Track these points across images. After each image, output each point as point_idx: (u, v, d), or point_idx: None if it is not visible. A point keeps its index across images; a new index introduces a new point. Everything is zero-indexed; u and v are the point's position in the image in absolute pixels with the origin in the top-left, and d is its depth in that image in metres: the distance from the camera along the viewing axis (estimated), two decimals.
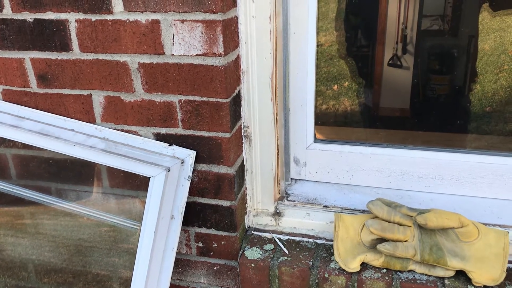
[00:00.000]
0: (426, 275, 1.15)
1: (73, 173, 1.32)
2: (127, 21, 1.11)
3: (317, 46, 1.27)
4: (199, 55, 1.10)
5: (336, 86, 3.11)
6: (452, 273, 1.13)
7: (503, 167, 1.24)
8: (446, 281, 1.13)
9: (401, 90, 2.68)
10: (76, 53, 1.18)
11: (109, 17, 1.12)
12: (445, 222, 1.11)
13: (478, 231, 1.14)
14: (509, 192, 1.26)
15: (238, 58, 1.18)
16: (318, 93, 1.30)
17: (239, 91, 1.21)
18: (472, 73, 2.59)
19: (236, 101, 1.20)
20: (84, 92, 1.22)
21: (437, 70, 2.64)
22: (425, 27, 2.58)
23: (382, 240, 1.17)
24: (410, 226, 1.16)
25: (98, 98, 1.21)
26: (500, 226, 1.19)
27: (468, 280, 1.12)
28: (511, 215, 1.22)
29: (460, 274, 1.13)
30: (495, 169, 1.25)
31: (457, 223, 1.12)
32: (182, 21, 1.08)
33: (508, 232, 1.14)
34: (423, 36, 2.60)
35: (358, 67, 2.89)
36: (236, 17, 1.14)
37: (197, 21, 1.07)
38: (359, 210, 1.28)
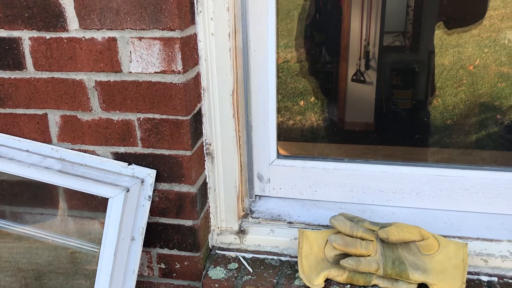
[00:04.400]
0: None
1: (29, 196, 1.27)
2: (83, 38, 1.09)
3: (284, 62, 1.28)
4: (157, 72, 1.09)
5: (302, 101, 3.14)
6: (414, 287, 1.14)
7: (461, 179, 1.27)
8: None
9: (365, 104, 2.72)
10: (30, 72, 1.14)
11: (64, 34, 1.09)
12: (406, 235, 1.12)
13: (439, 243, 1.15)
14: (466, 204, 1.29)
15: (198, 75, 1.17)
16: (285, 109, 1.31)
17: (200, 108, 1.20)
18: (433, 88, 2.67)
19: (197, 119, 1.19)
20: (40, 112, 1.18)
21: (399, 85, 2.70)
22: (387, 43, 2.65)
23: (345, 255, 1.17)
24: (372, 241, 1.16)
25: (54, 118, 1.18)
26: (459, 237, 1.21)
27: None
28: (469, 226, 1.24)
29: (422, 287, 1.14)
30: (453, 181, 1.27)
31: (418, 236, 1.13)
32: (140, 38, 1.06)
33: (467, 244, 1.16)
34: (385, 52, 2.66)
35: (323, 82, 2.93)
36: (195, 34, 1.14)
37: (155, 38, 1.06)
38: (322, 226, 1.28)
